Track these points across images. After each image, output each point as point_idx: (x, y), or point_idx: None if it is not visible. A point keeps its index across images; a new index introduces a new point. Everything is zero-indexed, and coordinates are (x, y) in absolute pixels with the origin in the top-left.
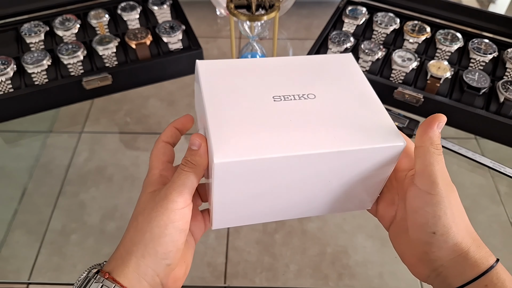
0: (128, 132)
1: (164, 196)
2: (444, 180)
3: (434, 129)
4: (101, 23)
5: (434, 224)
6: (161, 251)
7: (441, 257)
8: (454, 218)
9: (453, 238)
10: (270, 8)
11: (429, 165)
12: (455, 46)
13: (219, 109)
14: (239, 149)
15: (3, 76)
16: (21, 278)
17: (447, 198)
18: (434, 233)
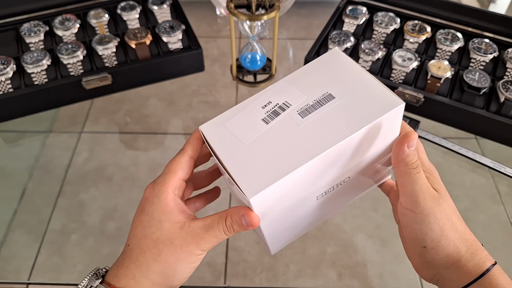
0: (128, 132)
1: (196, 242)
2: (426, 197)
3: (405, 150)
4: (101, 23)
5: (422, 240)
6: (176, 284)
7: (436, 266)
8: (442, 231)
9: (443, 250)
10: (270, 8)
11: (408, 186)
12: (455, 46)
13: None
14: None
15: (3, 76)
16: (21, 278)
17: (432, 214)
18: (424, 247)
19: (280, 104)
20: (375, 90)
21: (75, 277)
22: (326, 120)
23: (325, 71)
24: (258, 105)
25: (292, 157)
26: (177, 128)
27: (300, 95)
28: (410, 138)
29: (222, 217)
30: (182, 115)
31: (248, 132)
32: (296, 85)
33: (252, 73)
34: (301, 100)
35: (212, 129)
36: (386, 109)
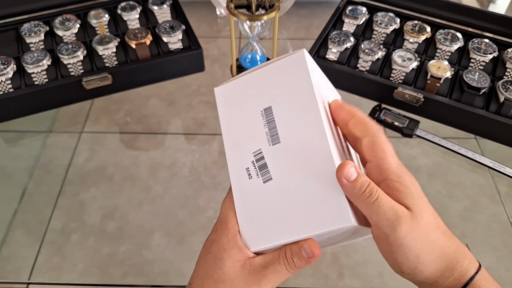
0: (128, 132)
1: (258, 282)
2: (395, 224)
3: (345, 184)
4: (101, 23)
5: (399, 267)
6: None
7: (415, 282)
8: (418, 258)
9: (421, 275)
10: (270, 8)
11: (372, 217)
12: (455, 46)
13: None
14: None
15: (3, 76)
16: (21, 278)
17: (405, 243)
18: (402, 272)
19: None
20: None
21: (75, 277)
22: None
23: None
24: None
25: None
26: (177, 128)
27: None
28: (342, 169)
29: (282, 251)
30: (182, 115)
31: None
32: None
33: None
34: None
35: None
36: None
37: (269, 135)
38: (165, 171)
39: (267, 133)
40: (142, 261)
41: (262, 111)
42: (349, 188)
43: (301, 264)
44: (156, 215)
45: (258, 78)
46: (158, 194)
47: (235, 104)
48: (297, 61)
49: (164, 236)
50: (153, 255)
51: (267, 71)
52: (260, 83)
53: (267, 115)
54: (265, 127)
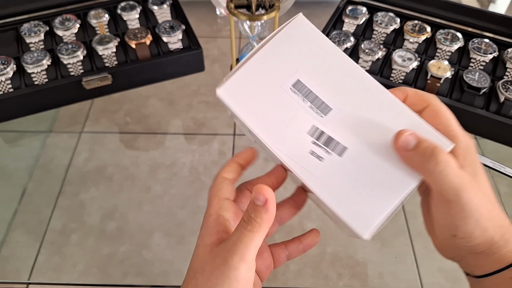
0: (128, 132)
1: (224, 261)
2: (460, 190)
3: (405, 155)
4: (101, 23)
5: (454, 229)
6: None
7: (462, 251)
8: (477, 223)
9: (475, 240)
10: (270, 8)
11: (436, 184)
12: (455, 46)
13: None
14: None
15: (3, 76)
16: (21, 278)
17: (468, 208)
18: (454, 236)
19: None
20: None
21: (75, 277)
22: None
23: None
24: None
25: None
26: (177, 128)
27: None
28: (399, 137)
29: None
30: (182, 115)
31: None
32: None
33: None
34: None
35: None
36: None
37: (315, 108)
38: (165, 171)
39: (311, 107)
40: (142, 261)
41: (292, 87)
42: (409, 157)
43: (260, 215)
44: (156, 215)
45: (265, 59)
46: (158, 194)
47: (252, 97)
48: (300, 24)
49: (164, 236)
50: (153, 255)
51: (271, 48)
52: (270, 62)
53: (300, 88)
54: (305, 102)
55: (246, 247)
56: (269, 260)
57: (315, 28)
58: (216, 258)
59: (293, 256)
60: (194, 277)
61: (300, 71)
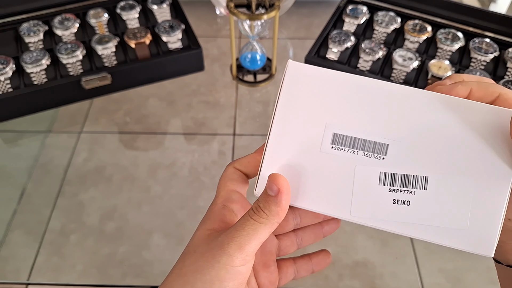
0: (128, 132)
1: (220, 244)
2: None
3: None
4: (100, 23)
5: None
6: None
7: (508, 243)
8: None
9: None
10: (270, 7)
11: None
12: (456, 45)
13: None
14: None
15: (2, 75)
16: (20, 279)
17: None
18: (510, 219)
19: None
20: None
21: (74, 277)
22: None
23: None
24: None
25: None
26: (176, 128)
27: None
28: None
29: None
30: (181, 115)
31: None
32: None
33: (252, 73)
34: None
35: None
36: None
37: (370, 153)
38: (165, 171)
39: (365, 155)
40: (142, 261)
41: (332, 145)
42: None
43: (270, 207)
44: (155, 215)
45: (284, 131)
46: (158, 195)
47: (296, 182)
48: (295, 71)
49: (164, 236)
50: (153, 255)
51: (282, 116)
52: (291, 132)
53: (341, 141)
54: (356, 154)
55: (248, 236)
56: (274, 275)
57: (311, 66)
58: (212, 241)
59: (302, 274)
60: (183, 260)
61: (329, 122)
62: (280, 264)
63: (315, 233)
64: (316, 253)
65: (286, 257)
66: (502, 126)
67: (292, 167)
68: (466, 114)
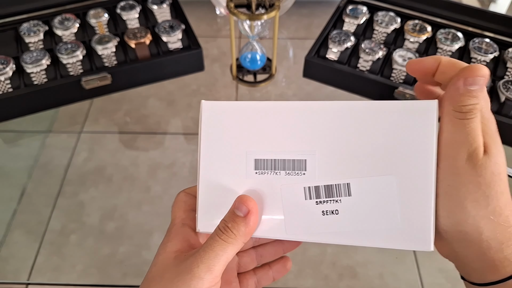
0: (128, 132)
1: (189, 268)
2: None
3: (459, 88)
4: (100, 23)
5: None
6: None
7: (449, 240)
8: (463, 205)
9: (472, 237)
10: (270, 7)
11: (450, 133)
12: (456, 45)
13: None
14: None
15: (2, 75)
16: (20, 279)
17: (479, 168)
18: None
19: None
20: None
21: (74, 277)
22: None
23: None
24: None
25: None
26: (176, 128)
27: None
28: (471, 73)
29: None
30: (182, 115)
31: None
32: None
33: (252, 73)
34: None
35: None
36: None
37: (291, 171)
38: (165, 171)
39: (287, 174)
40: (142, 261)
41: (256, 171)
42: (459, 93)
43: (238, 227)
44: (155, 215)
45: (211, 167)
46: (158, 195)
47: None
48: (209, 110)
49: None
50: (153, 255)
51: (207, 155)
52: (217, 168)
53: (263, 165)
54: (278, 174)
55: (216, 256)
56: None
57: (224, 102)
58: (179, 265)
59: (262, 284)
60: (149, 285)
61: (249, 150)
62: (240, 277)
63: (275, 249)
64: (276, 261)
65: (247, 270)
66: (417, 119)
67: (227, 198)
68: (381, 116)
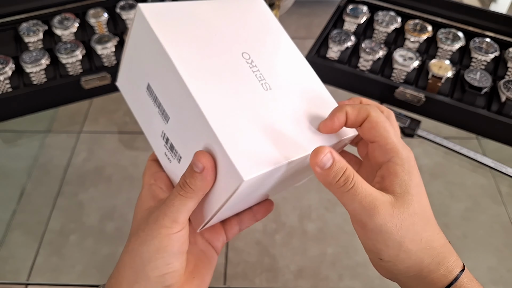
0: (127, 132)
1: (155, 219)
2: (373, 213)
3: (317, 171)
4: (100, 22)
5: (378, 253)
6: (153, 276)
7: (395, 274)
8: (401, 246)
9: (402, 263)
10: (270, 6)
11: (348, 205)
12: (456, 45)
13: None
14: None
15: (2, 75)
16: (20, 279)
17: (384, 230)
18: (380, 259)
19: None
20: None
21: (74, 277)
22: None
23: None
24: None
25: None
26: None
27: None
28: (317, 156)
29: None
30: None
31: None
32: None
33: None
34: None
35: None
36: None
37: (160, 113)
38: None
39: (158, 112)
40: None
41: (146, 90)
42: (322, 175)
43: (195, 182)
44: None
45: (130, 58)
46: None
47: (131, 85)
48: (140, 20)
49: None
50: None
51: (129, 51)
52: (132, 63)
53: (150, 93)
54: (155, 106)
55: (178, 211)
56: (221, 233)
57: (150, 28)
58: (149, 217)
59: (246, 224)
60: (128, 240)
61: (150, 75)
62: (224, 224)
63: (251, 216)
64: (259, 204)
65: (230, 218)
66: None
67: (129, 83)
68: (198, 119)
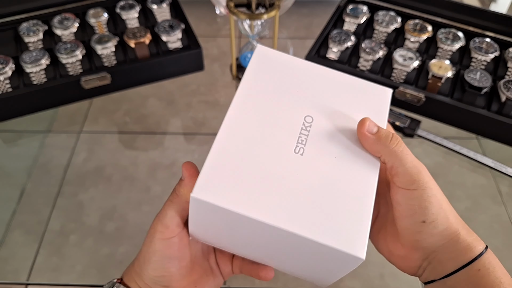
0: (127, 132)
1: (153, 226)
2: (421, 170)
3: (368, 137)
4: (100, 22)
5: (422, 214)
6: (153, 274)
7: (433, 243)
8: (441, 204)
9: (442, 224)
10: (270, 6)
11: (398, 166)
12: (456, 45)
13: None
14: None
15: (2, 75)
16: (20, 279)
17: (428, 187)
18: (423, 222)
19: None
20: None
21: (74, 277)
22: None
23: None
24: None
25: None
26: (176, 128)
27: None
28: (364, 124)
29: None
30: (181, 115)
31: None
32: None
33: None
34: None
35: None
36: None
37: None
38: (164, 171)
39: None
40: None
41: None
42: (374, 140)
43: (179, 188)
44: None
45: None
46: (157, 195)
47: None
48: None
49: None
50: None
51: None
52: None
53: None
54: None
55: (167, 216)
56: (228, 266)
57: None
58: (150, 228)
59: (246, 271)
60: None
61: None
62: (235, 257)
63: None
64: (262, 265)
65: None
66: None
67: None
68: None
